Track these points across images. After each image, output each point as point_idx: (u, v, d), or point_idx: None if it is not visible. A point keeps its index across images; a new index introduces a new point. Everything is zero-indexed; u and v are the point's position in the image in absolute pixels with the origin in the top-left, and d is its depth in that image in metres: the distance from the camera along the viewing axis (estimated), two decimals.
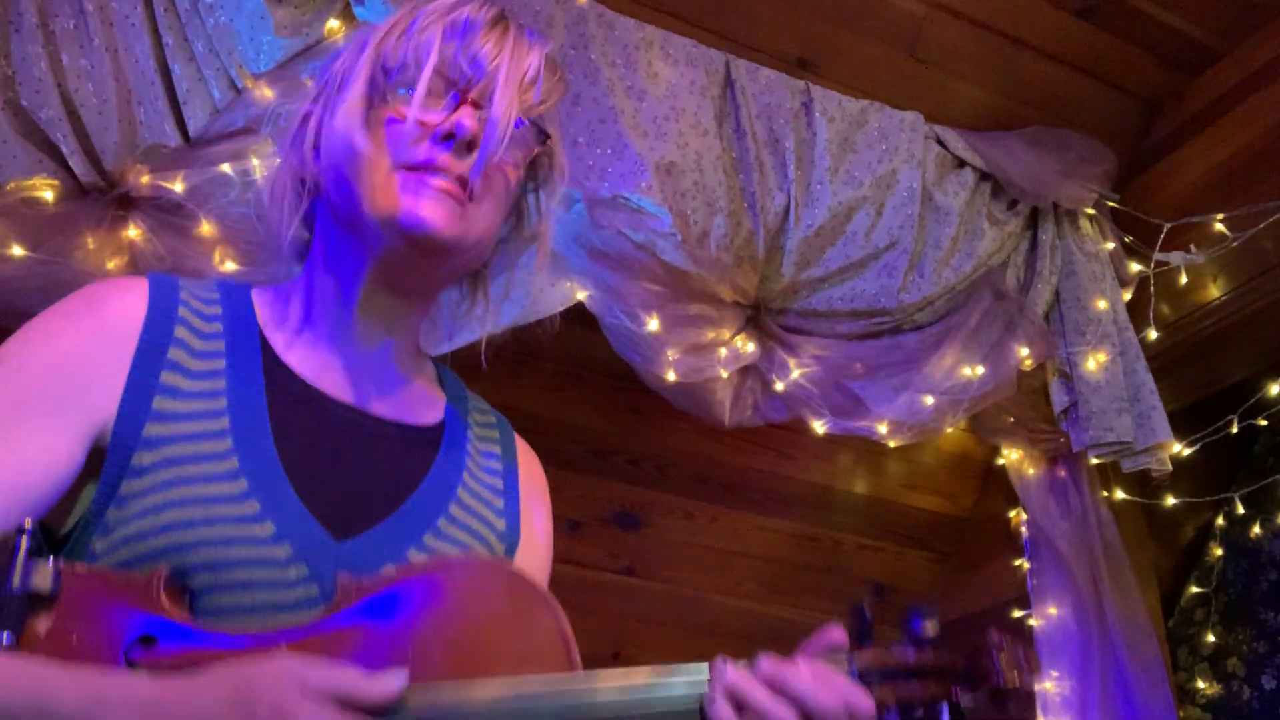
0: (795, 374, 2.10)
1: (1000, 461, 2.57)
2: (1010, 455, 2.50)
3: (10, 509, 0.82)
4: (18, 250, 1.53)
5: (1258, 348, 2.30)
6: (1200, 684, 2.58)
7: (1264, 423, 2.36)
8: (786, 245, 2.05)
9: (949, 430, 2.36)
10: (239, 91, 1.65)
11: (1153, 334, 2.30)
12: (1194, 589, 2.69)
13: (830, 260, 2.08)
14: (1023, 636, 2.44)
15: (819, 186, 2.06)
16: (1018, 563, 2.56)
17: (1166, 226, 2.30)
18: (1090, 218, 2.38)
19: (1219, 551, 2.66)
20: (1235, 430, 2.33)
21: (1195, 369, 2.37)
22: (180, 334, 0.93)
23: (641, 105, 1.93)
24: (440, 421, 1.04)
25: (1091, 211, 2.38)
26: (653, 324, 1.92)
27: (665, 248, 1.89)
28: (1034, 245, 2.32)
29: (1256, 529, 2.58)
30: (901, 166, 2.13)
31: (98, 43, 1.57)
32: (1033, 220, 2.33)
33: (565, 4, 1.92)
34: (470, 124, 0.94)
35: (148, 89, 1.61)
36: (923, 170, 2.14)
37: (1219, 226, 2.21)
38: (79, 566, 0.79)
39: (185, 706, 0.71)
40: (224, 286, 1.02)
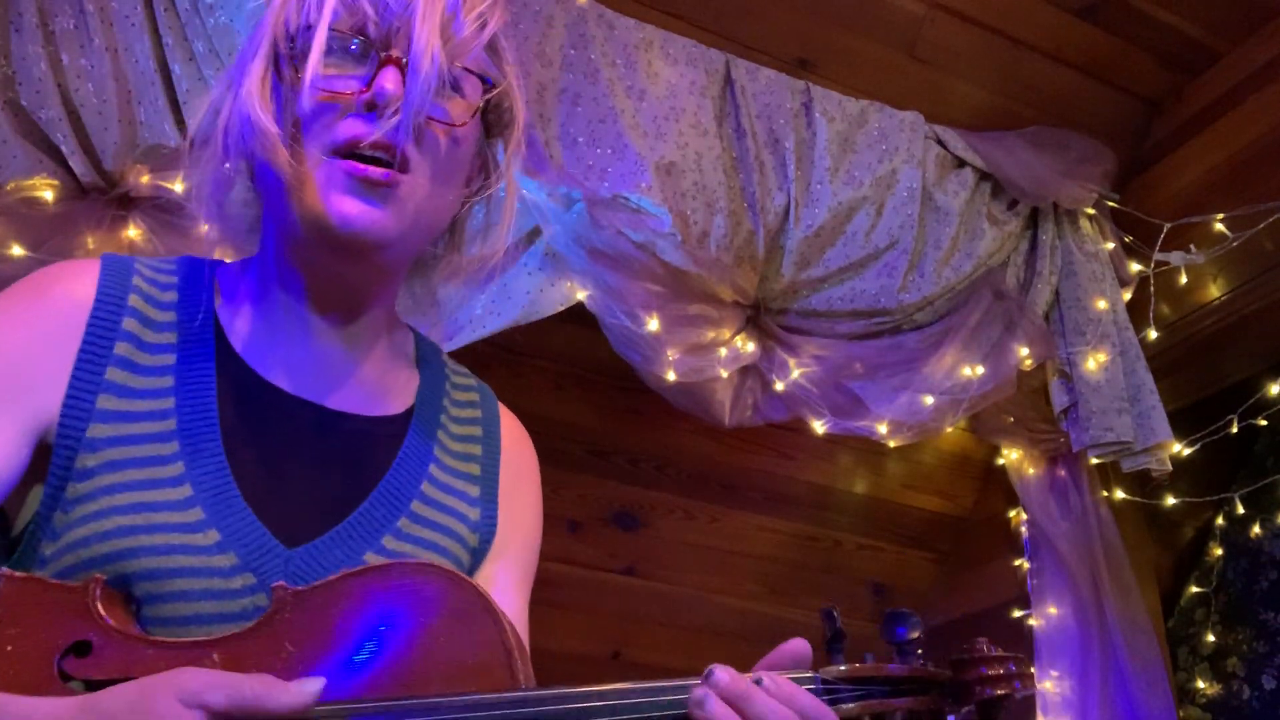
0: (795, 374, 2.10)
1: (1000, 461, 2.57)
2: (1010, 455, 2.50)
3: None
4: (18, 250, 1.53)
5: (1258, 348, 2.30)
6: (1200, 684, 2.58)
7: (1264, 423, 2.36)
8: (786, 245, 2.05)
9: (949, 430, 2.35)
10: None
11: (1153, 334, 2.30)
12: (1194, 589, 2.69)
13: (830, 260, 2.08)
14: (1021, 637, 2.44)
15: (819, 186, 2.06)
16: (1018, 563, 2.56)
17: (1166, 226, 2.30)
18: (1090, 218, 2.38)
19: (1219, 551, 2.66)
20: (1235, 430, 2.33)
21: (1195, 369, 2.37)
22: (129, 326, 0.87)
23: (641, 105, 1.93)
24: (409, 408, 0.97)
25: (1091, 211, 2.38)
26: (653, 324, 1.92)
27: (665, 248, 1.89)
28: (1034, 245, 2.32)
29: (1256, 529, 2.58)
30: (901, 166, 2.13)
31: (98, 43, 1.57)
32: (1033, 220, 2.33)
33: (565, 4, 1.92)
34: (391, 87, 0.82)
35: (148, 89, 1.60)
36: (923, 170, 2.15)
37: (1219, 226, 2.21)
38: (17, 573, 0.76)
39: None
40: (185, 266, 0.95)
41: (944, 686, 0.88)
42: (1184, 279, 2.29)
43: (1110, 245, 2.36)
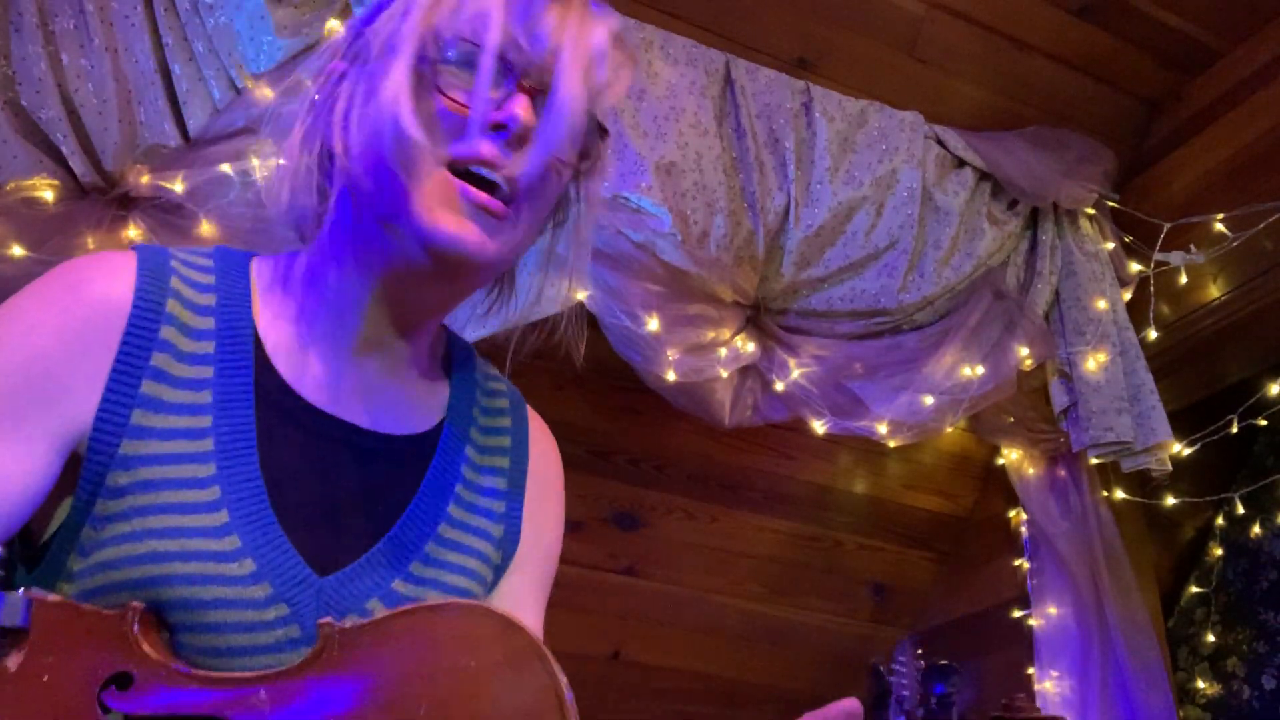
0: (795, 374, 2.10)
1: (1000, 461, 2.57)
2: (1010, 455, 2.50)
3: None
4: (18, 250, 1.53)
5: (1258, 348, 2.30)
6: (1200, 684, 2.58)
7: (1264, 423, 2.36)
8: (786, 245, 2.05)
9: (949, 430, 2.36)
10: (239, 91, 1.65)
11: (1153, 334, 2.30)
12: (1194, 589, 2.69)
13: (830, 260, 2.08)
14: (1021, 637, 2.44)
15: (819, 186, 2.06)
16: (1018, 563, 2.56)
17: (1166, 226, 2.30)
18: (1090, 218, 2.38)
19: (1219, 551, 2.66)
20: (1235, 430, 2.33)
21: (1195, 369, 2.37)
22: (166, 335, 0.83)
23: (641, 105, 1.93)
24: (439, 422, 0.95)
25: (1091, 211, 2.38)
26: (653, 324, 1.92)
27: (665, 248, 1.89)
28: (1034, 245, 2.32)
29: (1256, 529, 2.58)
30: (901, 166, 2.13)
31: (98, 43, 1.57)
32: (1033, 220, 2.33)
33: None
34: (524, 116, 0.81)
35: (148, 89, 1.61)
36: (923, 170, 2.15)
37: (1219, 226, 2.21)
38: (51, 598, 0.74)
39: None
40: (222, 259, 0.91)
41: None
42: (1184, 279, 2.29)
43: (1110, 245, 2.36)
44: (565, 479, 1.06)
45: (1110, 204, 2.41)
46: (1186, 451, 2.31)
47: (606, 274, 1.88)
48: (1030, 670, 2.37)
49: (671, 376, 1.97)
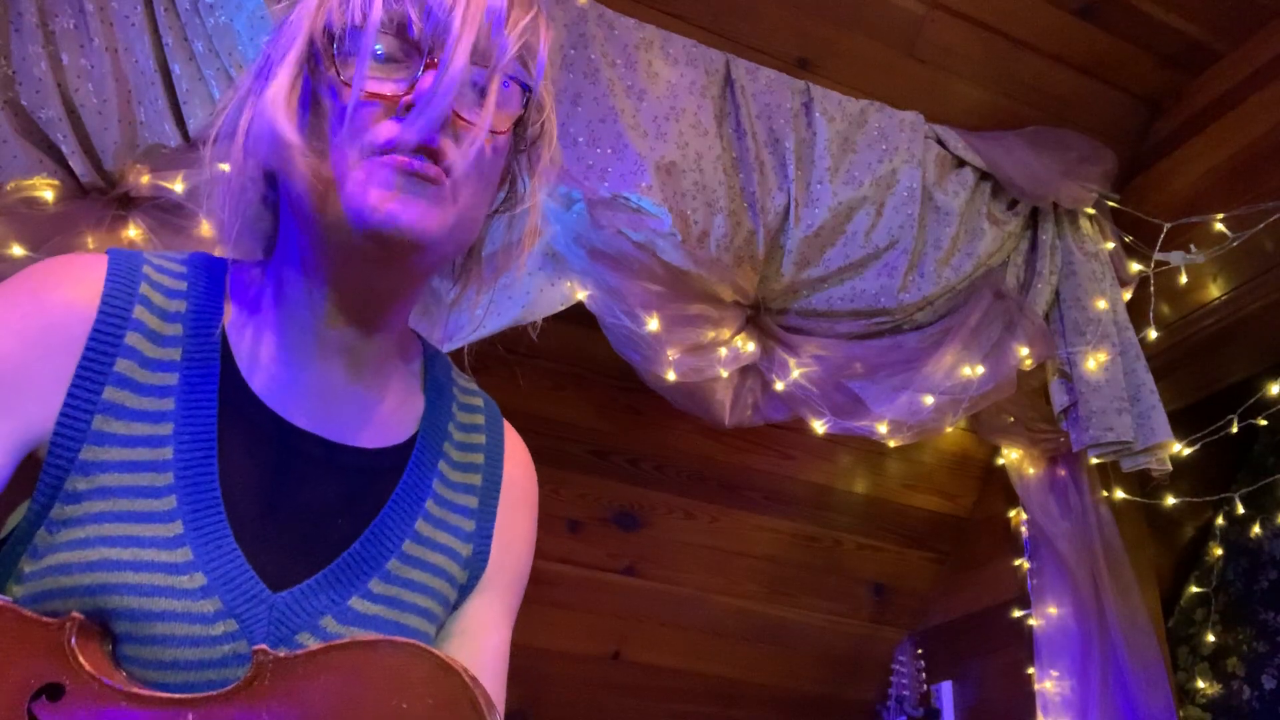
0: (795, 374, 2.10)
1: (1000, 461, 2.57)
2: (1010, 455, 2.50)
3: None
4: (18, 250, 1.53)
5: (1258, 348, 2.30)
6: (1200, 684, 2.59)
7: (1264, 423, 2.36)
8: (786, 245, 2.05)
9: (949, 430, 2.36)
10: None
11: (1153, 334, 2.30)
12: (1194, 589, 2.69)
13: (830, 260, 2.08)
14: (1021, 637, 2.44)
15: (819, 186, 2.06)
16: (1018, 563, 2.56)
17: (1166, 226, 2.30)
18: (1090, 218, 2.38)
19: (1219, 551, 2.66)
20: (1235, 430, 2.33)
21: (1195, 369, 2.37)
22: (132, 341, 0.82)
23: (641, 105, 1.93)
24: (412, 436, 0.93)
25: (1091, 211, 2.38)
26: (653, 324, 1.92)
27: (665, 248, 1.89)
28: (1034, 245, 2.32)
29: (1256, 529, 2.58)
30: (901, 166, 2.13)
31: (98, 43, 1.57)
32: (1033, 220, 2.33)
33: (565, 4, 1.92)
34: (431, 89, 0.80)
35: (148, 89, 1.61)
36: (923, 170, 2.15)
37: (1219, 226, 2.21)
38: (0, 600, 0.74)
39: None
40: (195, 267, 0.90)
41: None
42: (1184, 279, 2.29)
43: (1110, 245, 2.36)
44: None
45: (1110, 204, 2.42)
46: (1186, 451, 2.31)
47: (606, 274, 1.88)
48: (1030, 670, 2.37)
49: (671, 376, 1.97)
